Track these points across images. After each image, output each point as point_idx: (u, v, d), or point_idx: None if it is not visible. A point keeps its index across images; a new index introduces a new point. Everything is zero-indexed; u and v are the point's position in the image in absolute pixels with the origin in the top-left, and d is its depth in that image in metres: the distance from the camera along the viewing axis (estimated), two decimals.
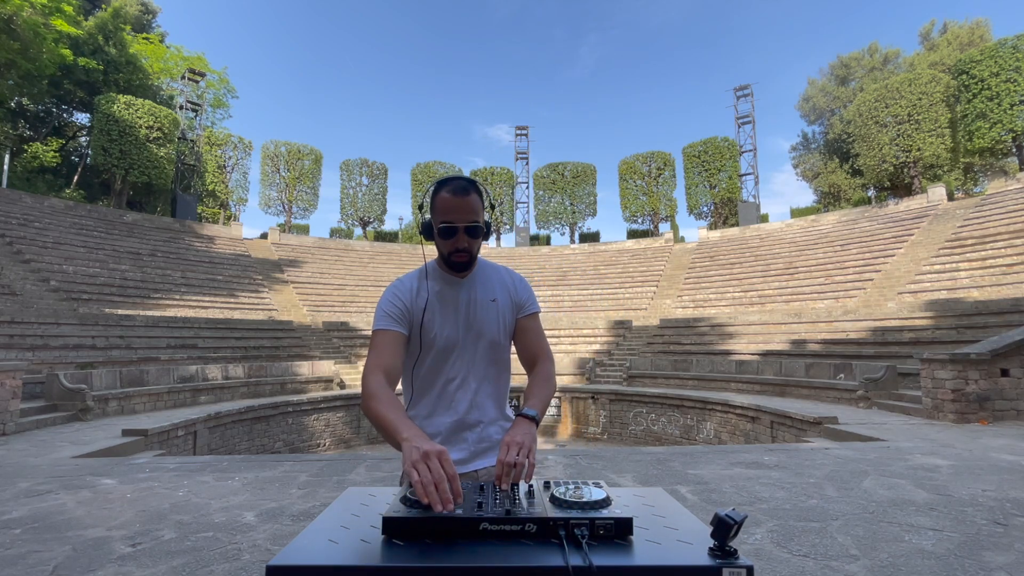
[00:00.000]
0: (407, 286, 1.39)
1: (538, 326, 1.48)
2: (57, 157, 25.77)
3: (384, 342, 1.31)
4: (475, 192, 1.33)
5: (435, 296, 1.38)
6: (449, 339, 1.36)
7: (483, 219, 1.36)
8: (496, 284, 1.45)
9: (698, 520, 0.94)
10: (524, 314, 1.46)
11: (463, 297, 1.40)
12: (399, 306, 1.35)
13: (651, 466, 4.99)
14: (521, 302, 1.46)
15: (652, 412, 13.30)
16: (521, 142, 33.62)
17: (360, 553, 0.79)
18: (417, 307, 1.36)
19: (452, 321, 1.37)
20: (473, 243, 1.34)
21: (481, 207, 1.35)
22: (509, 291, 1.46)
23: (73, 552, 2.86)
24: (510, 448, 1.07)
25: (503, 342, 1.42)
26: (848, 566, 2.61)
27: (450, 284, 1.41)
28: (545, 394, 1.34)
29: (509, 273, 1.51)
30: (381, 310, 1.35)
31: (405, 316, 1.35)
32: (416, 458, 0.93)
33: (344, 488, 2.39)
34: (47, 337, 11.31)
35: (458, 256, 1.34)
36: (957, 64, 21.89)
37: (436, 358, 1.37)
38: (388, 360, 1.28)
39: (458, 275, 1.40)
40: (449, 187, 1.32)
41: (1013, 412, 7.53)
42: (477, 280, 1.43)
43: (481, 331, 1.38)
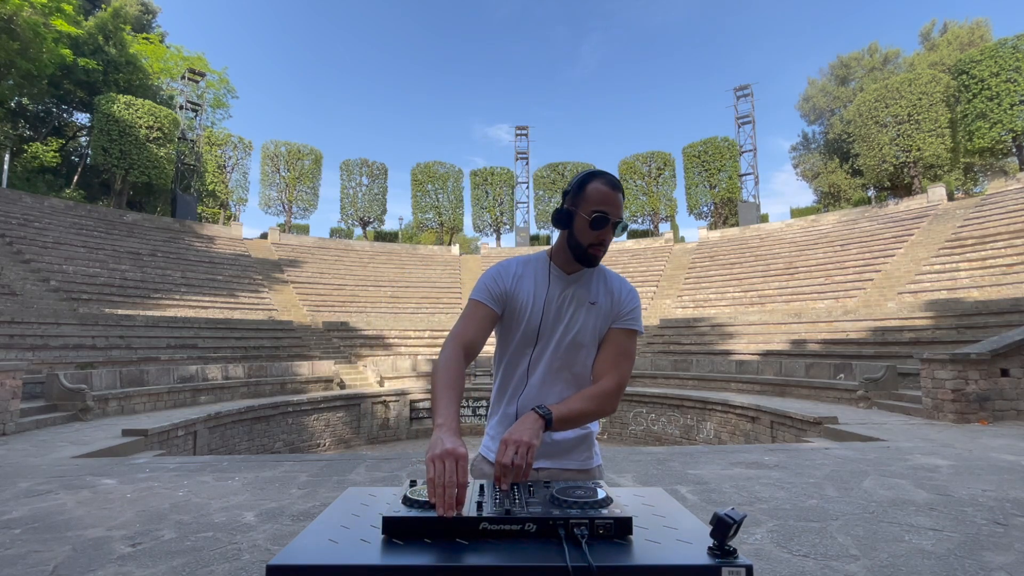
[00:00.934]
0: (512, 270, 1.38)
1: (627, 344, 1.37)
2: (57, 157, 25.77)
3: (475, 314, 1.31)
4: (621, 191, 1.32)
5: (538, 287, 1.36)
6: (533, 331, 1.34)
7: None
8: (602, 289, 1.40)
9: (698, 520, 0.94)
10: (618, 325, 1.37)
11: (566, 293, 1.36)
12: (501, 286, 1.35)
13: (651, 466, 4.99)
14: (621, 313, 1.38)
15: (652, 412, 13.30)
16: (521, 142, 33.63)
17: (360, 553, 0.79)
18: (515, 293, 1.36)
19: (542, 313, 1.35)
20: (610, 240, 1.32)
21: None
22: (613, 298, 1.39)
23: (73, 552, 2.86)
24: (507, 447, 1.03)
25: (588, 346, 1.36)
26: (848, 566, 2.61)
27: (557, 278, 1.38)
28: (579, 406, 1.22)
29: (622, 282, 1.43)
30: (483, 284, 1.35)
31: (502, 298, 1.35)
32: (437, 453, 0.92)
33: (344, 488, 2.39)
34: (47, 337, 11.31)
35: (595, 250, 1.31)
36: (957, 64, 21.90)
37: (519, 346, 1.36)
38: (472, 333, 1.28)
39: (567, 268, 1.38)
40: (604, 179, 1.29)
41: (1013, 412, 7.53)
42: (584, 280, 1.39)
43: (569, 329, 1.35)
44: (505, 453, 1.02)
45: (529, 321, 1.35)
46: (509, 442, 1.04)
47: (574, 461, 1.38)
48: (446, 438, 0.96)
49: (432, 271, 26.88)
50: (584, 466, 1.39)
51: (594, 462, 1.41)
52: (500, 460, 1.01)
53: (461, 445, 0.95)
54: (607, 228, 1.29)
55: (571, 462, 1.37)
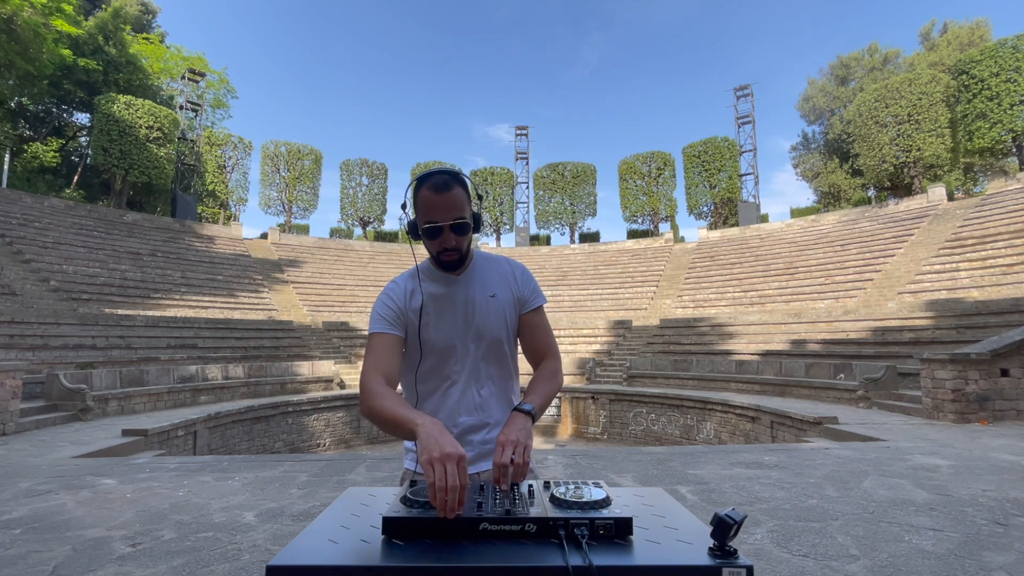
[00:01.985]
0: (401, 288, 1.34)
1: (543, 321, 1.40)
2: (57, 157, 25.78)
3: (380, 346, 1.26)
4: (458, 185, 1.24)
5: (430, 297, 1.32)
6: (448, 341, 1.30)
7: (470, 213, 1.28)
8: (496, 278, 1.37)
9: (698, 520, 0.94)
10: (528, 309, 1.38)
11: (460, 296, 1.33)
12: (393, 308, 1.30)
13: (651, 466, 4.99)
14: (524, 297, 1.38)
15: (652, 412, 13.30)
16: (521, 142, 33.64)
17: (360, 553, 0.79)
18: (411, 309, 1.31)
19: (450, 322, 1.31)
20: (462, 240, 1.27)
21: (467, 200, 1.27)
22: (510, 285, 1.38)
23: (73, 552, 2.86)
24: (504, 448, 1.03)
25: (505, 340, 1.35)
26: (848, 566, 2.61)
27: (446, 283, 1.34)
28: (546, 390, 1.28)
29: (509, 263, 1.42)
30: (376, 313, 1.30)
31: (400, 319, 1.30)
32: (436, 456, 0.89)
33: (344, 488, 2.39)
34: (47, 337, 11.31)
35: (447, 255, 1.28)
36: (957, 64, 21.90)
37: (436, 361, 1.32)
38: (385, 363, 1.23)
39: (452, 274, 1.35)
40: (429, 183, 1.23)
41: (1013, 412, 7.53)
42: (475, 276, 1.36)
43: (481, 330, 1.32)
44: (503, 454, 1.02)
45: (438, 333, 1.31)
46: (506, 443, 1.05)
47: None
48: (440, 437, 0.94)
49: None
50: None
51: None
52: (498, 461, 1.02)
53: (458, 446, 0.93)
54: (445, 234, 1.24)
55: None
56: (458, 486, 0.86)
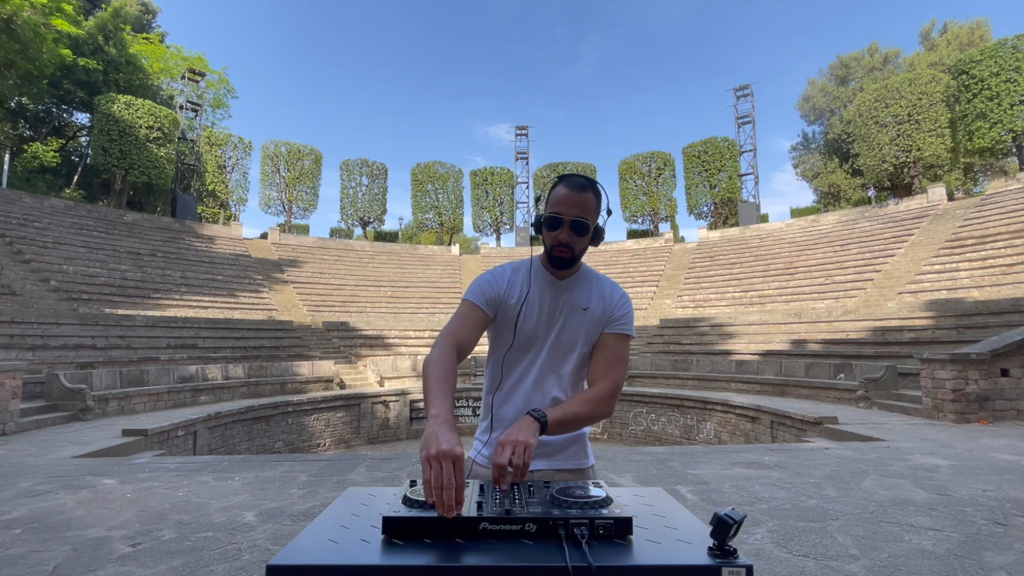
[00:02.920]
0: (505, 276, 1.40)
1: (620, 349, 1.38)
2: (57, 157, 25.77)
3: (468, 315, 1.32)
4: (592, 192, 1.30)
5: (530, 293, 1.37)
6: (529, 336, 1.36)
7: (594, 220, 1.32)
8: (595, 294, 1.40)
9: (698, 520, 0.94)
10: (610, 330, 1.38)
11: (558, 300, 1.37)
12: (495, 290, 1.37)
13: (651, 466, 4.99)
14: (613, 318, 1.38)
15: (652, 412, 13.29)
16: (521, 142, 33.63)
17: (360, 553, 0.79)
18: (506, 299, 1.37)
19: (535, 318, 1.36)
20: (577, 241, 1.31)
21: (595, 208, 1.31)
22: (605, 304, 1.39)
23: (73, 552, 2.86)
24: (504, 448, 1.03)
25: (580, 351, 1.37)
26: (848, 566, 2.61)
27: (549, 284, 1.39)
28: (575, 409, 1.23)
29: (613, 287, 1.44)
30: (477, 286, 1.37)
31: (495, 302, 1.36)
32: (432, 453, 0.89)
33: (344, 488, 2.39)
34: (47, 337, 11.31)
35: (559, 251, 1.31)
36: (957, 64, 21.89)
37: (517, 350, 1.37)
38: (465, 332, 1.29)
39: (559, 273, 1.38)
40: (567, 181, 1.30)
41: (1013, 412, 7.53)
42: (577, 286, 1.40)
43: (561, 334, 1.36)
44: (502, 454, 1.02)
45: (522, 326, 1.36)
46: (506, 443, 1.04)
47: (567, 461, 1.38)
48: (442, 434, 0.94)
49: (432, 271, 26.88)
50: (578, 466, 1.39)
51: (588, 462, 1.42)
52: (497, 461, 1.01)
53: (457, 443, 0.93)
54: (563, 228, 1.29)
55: (564, 462, 1.38)
56: (453, 485, 0.85)
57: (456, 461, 0.89)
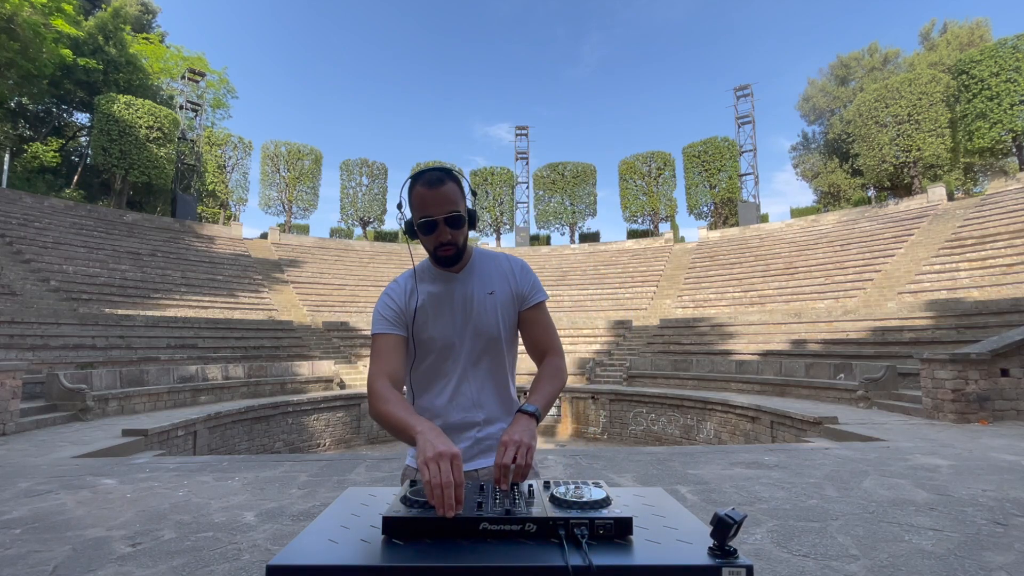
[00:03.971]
0: (401, 287, 1.35)
1: (545, 317, 1.40)
2: (57, 157, 25.77)
3: (384, 347, 1.28)
4: (451, 181, 1.25)
5: (429, 296, 1.33)
6: (446, 338, 1.32)
7: (464, 208, 1.28)
8: (495, 275, 1.37)
9: (698, 520, 0.94)
10: (527, 306, 1.37)
11: (459, 293, 1.34)
12: (394, 308, 1.32)
13: (651, 466, 4.99)
14: (523, 293, 1.38)
15: (652, 412, 13.29)
16: (521, 142, 33.64)
17: (360, 553, 0.79)
18: (410, 307, 1.32)
19: (448, 319, 1.33)
20: (457, 234, 1.27)
21: (461, 195, 1.28)
22: (509, 281, 1.37)
23: (73, 552, 2.86)
24: (507, 448, 1.04)
25: (503, 337, 1.35)
26: (848, 566, 2.61)
27: (445, 281, 1.35)
28: (549, 389, 1.27)
29: (509, 260, 1.41)
30: (378, 313, 1.32)
31: (401, 318, 1.32)
32: (430, 456, 0.91)
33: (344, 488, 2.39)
34: (47, 337, 11.31)
35: (444, 250, 1.28)
36: (957, 64, 21.89)
37: (435, 358, 1.33)
38: (391, 364, 1.25)
39: (451, 268, 1.34)
40: (422, 180, 1.25)
41: (1013, 412, 7.52)
42: (474, 273, 1.36)
43: (479, 327, 1.33)
44: (505, 454, 1.03)
45: (435, 331, 1.32)
46: (509, 443, 1.05)
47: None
48: (434, 439, 0.96)
49: None
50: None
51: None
52: (500, 461, 1.02)
53: (452, 445, 0.95)
54: (440, 229, 1.25)
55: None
56: (452, 482, 0.87)
57: (454, 459, 0.91)
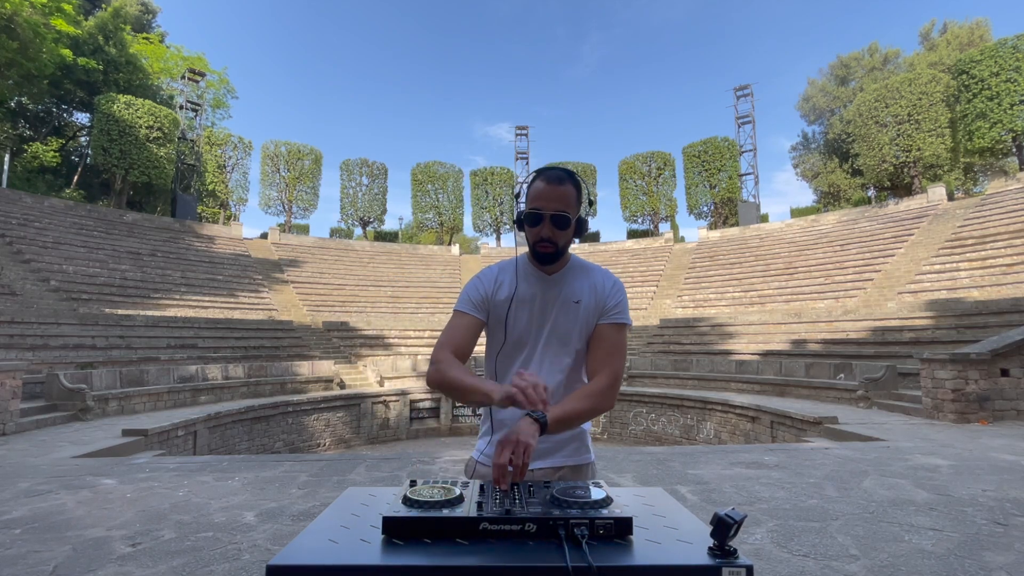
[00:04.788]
0: (492, 276, 1.40)
1: (617, 339, 1.35)
2: (57, 157, 25.76)
3: (459, 324, 1.33)
4: (571, 183, 1.29)
5: (516, 291, 1.36)
6: (518, 335, 1.35)
7: (575, 212, 1.30)
8: (585, 286, 1.37)
9: (698, 520, 0.94)
10: (605, 320, 1.36)
11: (548, 295, 1.36)
12: (481, 293, 1.37)
13: (651, 466, 4.99)
14: (607, 308, 1.36)
15: (652, 412, 13.29)
16: (521, 142, 33.65)
17: (360, 553, 0.79)
18: (496, 299, 1.36)
19: (526, 318, 1.35)
20: (559, 234, 1.29)
21: (576, 200, 1.30)
22: (597, 294, 1.37)
23: (73, 552, 2.86)
24: (504, 448, 1.03)
25: (577, 345, 1.36)
26: (848, 566, 2.61)
27: (538, 280, 1.37)
28: (576, 406, 1.22)
29: (605, 276, 1.41)
30: (465, 293, 1.37)
31: (484, 304, 1.36)
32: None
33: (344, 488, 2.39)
34: (47, 337, 11.31)
35: (543, 246, 1.30)
36: (957, 64, 21.89)
37: (510, 349, 1.37)
38: (459, 340, 1.30)
39: (546, 268, 1.36)
40: (545, 175, 1.29)
41: (1013, 412, 7.52)
42: (566, 279, 1.38)
43: (555, 330, 1.35)
44: (502, 454, 1.02)
45: (512, 324, 1.35)
46: (506, 443, 1.05)
47: (568, 458, 1.37)
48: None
49: (432, 271, 26.89)
50: (579, 461, 1.38)
51: (589, 458, 1.40)
52: (497, 461, 1.02)
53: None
54: (543, 224, 1.28)
55: (565, 459, 1.37)
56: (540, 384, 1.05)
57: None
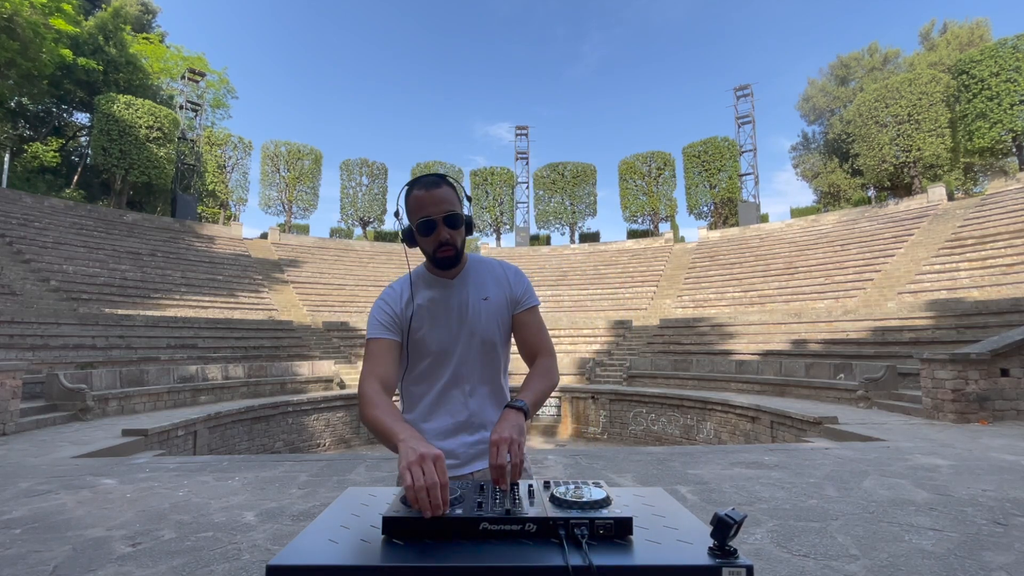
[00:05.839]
0: (397, 293, 1.36)
1: (537, 320, 1.41)
2: (57, 157, 25.76)
3: (378, 351, 1.29)
4: (446, 185, 1.29)
5: (425, 302, 1.34)
6: (442, 344, 1.32)
7: (462, 210, 1.31)
8: (489, 280, 1.39)
9: (698, 520, 0.93)
10: (520, 309, 1.39)
11: (454, 299, 1.35)
12: (389, 313, 1.33)
13: (651, 466, 4.99)
14: (517, 297, 1.40)
15: (652, 412, 13.29)
16: (521, 142, 33.64)
17: (360, 553, 0.79)
18: (406, 315, 1.33)
19: (444, 325, 1.33)
20: (455, 234, 1.29)
21: (457, 199, 1.30)
22: (503, 286, 1.39)
23: (73, 552, 2.86)
24: (499, 448, 1.03)
25: (499, 341, 1.36)
26: (848, 566, 2.61)
27: (441, 287, 1.36)
28: (539, 387, 1.28)
29: (502, 266, 1.44)
30: (373, 318, 1.33)
31: (396, 323, 1.33)
32: (412, 460, 0.89)
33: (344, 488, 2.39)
34: (47, 337, 11.31)
35: (443, 251, 1.29)
36: (957, 64, 21.89)
37: (432, 363, 1.33)
38: (383, 368, 1.26)
39: (447, 273, 1.35)
40: (419, 184, 1.29)
41: (1013, 412, 7.52)
42: (469, 279, 1.38)
43: (474, 332, 1.33)
44: (498, 454, 1.02)
45: (432, 337, 1.32)
46: (499, 442, 1.04)
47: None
48: (416, 444, 0.94)
49: None
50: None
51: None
52: (494, 462, 1.02)
53: (433, 447, 0.93)
54: (439, 228, 1.27)
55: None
56: (436, 483, 0.85)
57: (437, 460, 0.89)
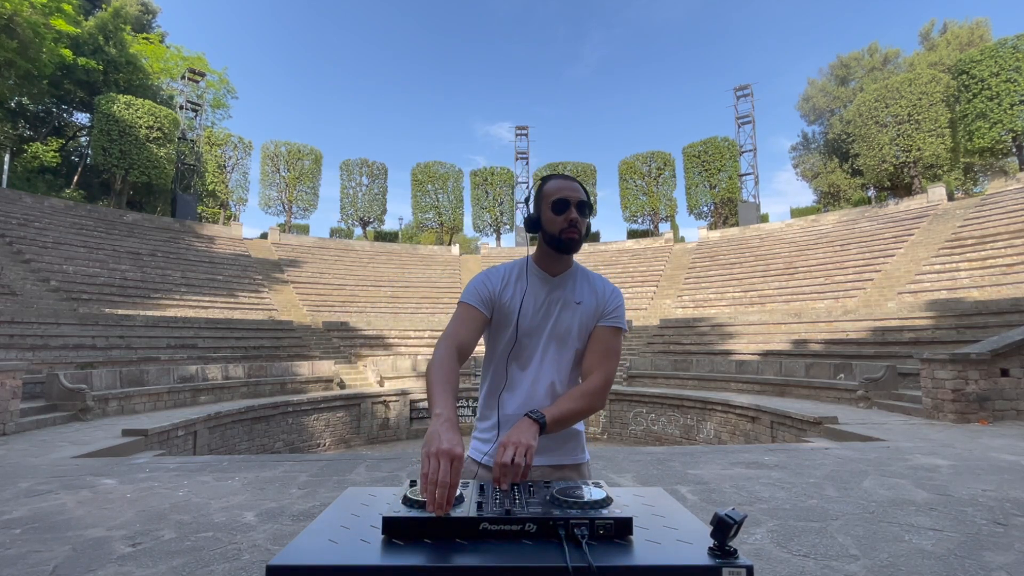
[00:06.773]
0: (499, 275, 1.43)
1: (613, 342, 1.41)
2: (57, 157, 25.76)
3: (465, 316, 1.36)
4: (578, 183, 1.39)
5: (522, 291, 1.40)
6: (527, 331, 1.39)
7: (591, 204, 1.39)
8: (586, 288, 1.44)
9: (698, 520, 0.93)
10: (603, 323, 1.41)
11: (552, 296, 1.41)
12: (489, 289, 1.40)
13: (651, 466, 4.99)
14: (606, 312, 1.42)
15: (652, 412, 13.29)
16: (521, 142, 33.64)
17: (360, 553, 0.79)
18: (501, 297, 1.40)
19: (531, 314, 1.39)
20: (582, 222, 1.35)
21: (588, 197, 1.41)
22: (598, 297, 1.44)
23: (73, 552, 2.86)
24: (506, 449, 1.04)
25: (577, 344, 1.41)
26: (848, 566, 2.61)
27: (542, 281, 1.42)
28: (569, 406, 1.25)
29: (603, 282, 1.49)
30: (472, 287, 1.40)
31: (491, 301, 1.39)
32: (433, 450, 0.93)
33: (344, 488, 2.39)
34: (47, 337, 11.31)
35: (569, 232, 1.34)
36: (957, 64, 21.89)
37: (509, 348, 1.40)
38: (464, 334, 1.32)
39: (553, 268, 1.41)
40: (557, 176, 1.39)
41: (1013, 412, 7.52)
42: (569, 282, 1.43)
43: (556, 328, 1.39)
44: (504, 454, 1.03)
45: (518, 323, 1.38)
46: (508, 444, 1.05)
47: (564, 457, 1.41)
48: (444, 433, 0.97)
49: (432, 271, 26.88)
50: (575, 461, 1.42)
51: (584, 457, 1.44)
52: (499, 461, 1.02)
53: (459, 444, 0.96)
54: (570, 209, 1.34)
55: (562, 458, 1.40)
56: (447, 483, 0.87)
57: (455, 461, 0.91)
